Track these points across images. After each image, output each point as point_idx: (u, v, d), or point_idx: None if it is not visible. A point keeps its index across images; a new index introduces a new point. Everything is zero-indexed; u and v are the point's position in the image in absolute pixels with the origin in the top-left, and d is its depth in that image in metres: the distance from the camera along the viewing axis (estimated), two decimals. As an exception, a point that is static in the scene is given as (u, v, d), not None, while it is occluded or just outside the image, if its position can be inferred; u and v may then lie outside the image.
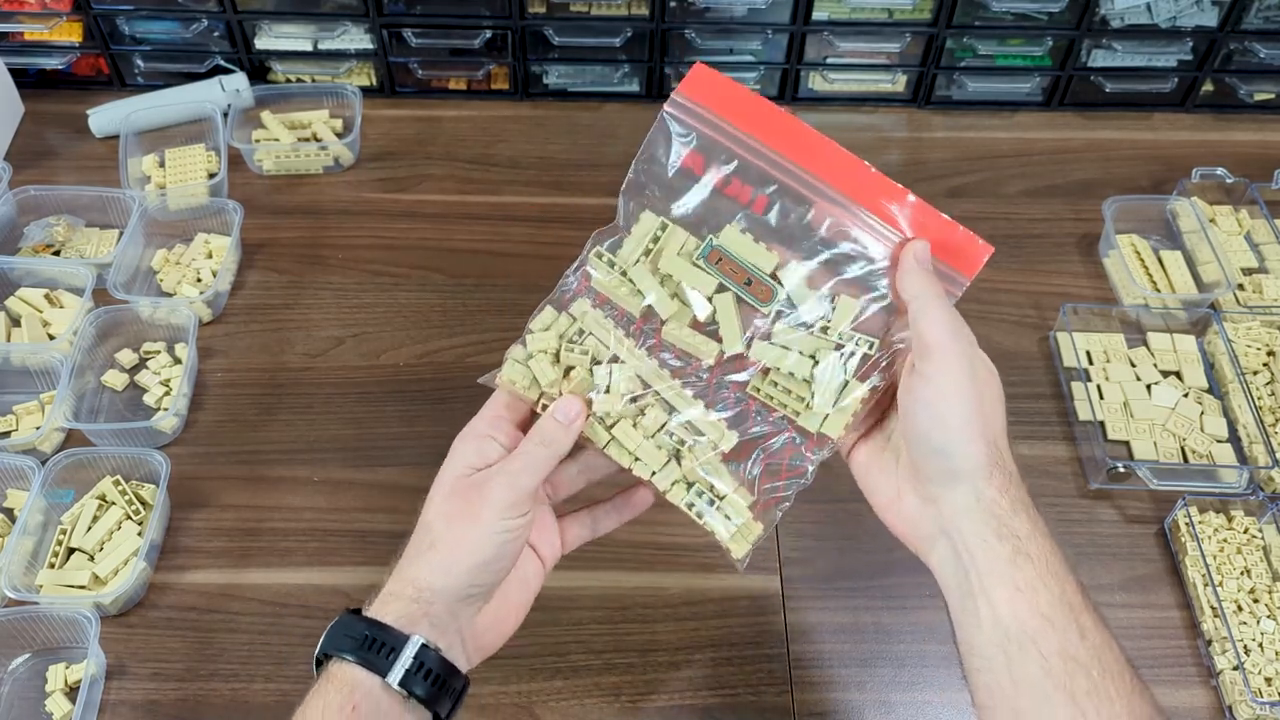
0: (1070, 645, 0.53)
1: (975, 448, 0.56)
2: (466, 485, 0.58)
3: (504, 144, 1.15)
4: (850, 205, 0.59)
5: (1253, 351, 0.95)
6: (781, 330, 0.59)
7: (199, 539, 0.85)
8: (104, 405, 0.93)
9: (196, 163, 1.09)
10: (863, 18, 1.12)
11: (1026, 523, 0.55)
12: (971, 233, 0.60)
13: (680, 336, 0.59)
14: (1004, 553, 0.55)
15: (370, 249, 1.05)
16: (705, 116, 0.59)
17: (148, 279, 1.01)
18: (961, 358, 0.56)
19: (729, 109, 0.59)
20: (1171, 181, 1.09)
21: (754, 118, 0.59)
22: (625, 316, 0.60)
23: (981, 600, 0.55)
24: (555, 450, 0.58)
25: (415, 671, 0.54)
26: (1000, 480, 0.56)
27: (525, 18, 1.11)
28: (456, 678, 0.57)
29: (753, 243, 0.59)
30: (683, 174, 0.60)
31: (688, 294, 0.59)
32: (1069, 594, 0.55)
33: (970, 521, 0.55)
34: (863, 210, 0.59)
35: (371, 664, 0.54)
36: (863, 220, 0.59)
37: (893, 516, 0.60)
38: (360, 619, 0.56)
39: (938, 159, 1.15)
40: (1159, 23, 1.11)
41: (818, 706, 0.77)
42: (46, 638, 0.78)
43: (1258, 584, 0.82)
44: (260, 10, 1.13)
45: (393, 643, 0.55)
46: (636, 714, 0.76)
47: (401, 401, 0.93)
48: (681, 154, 0.60)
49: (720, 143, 0.59)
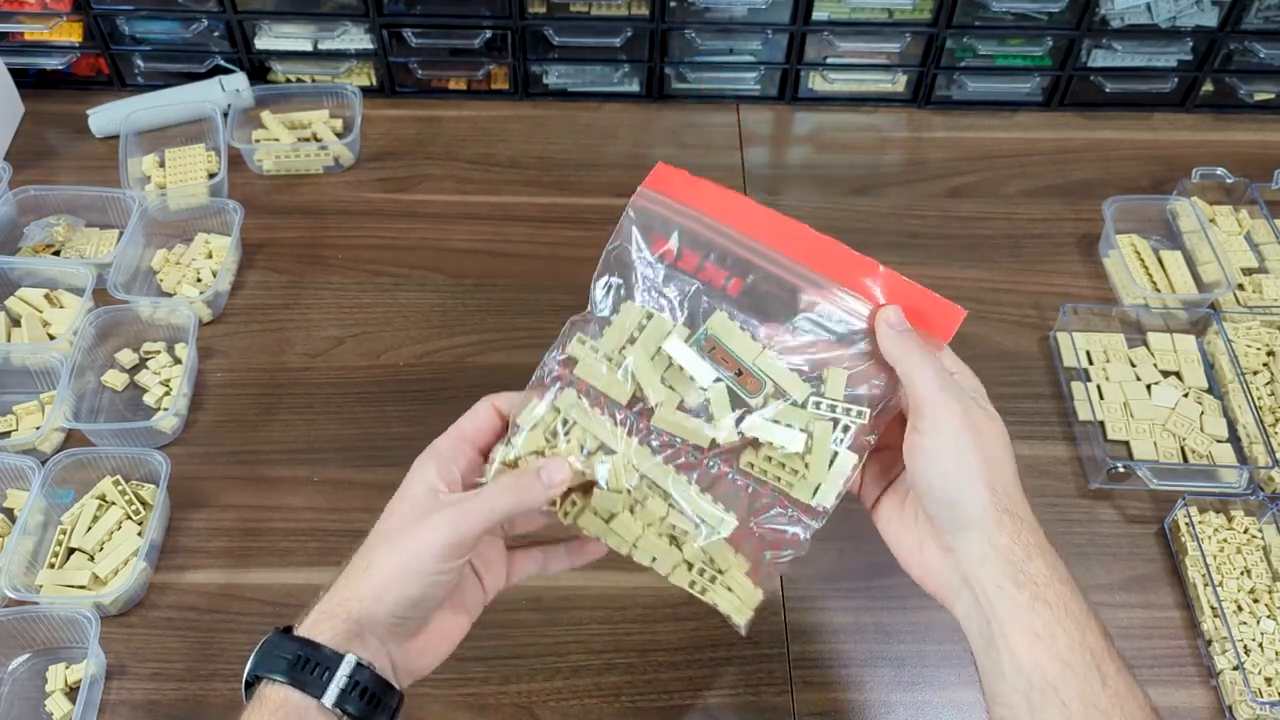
0: (1091, 693, 0.53)
1: (979, 496, 0.56)
2: (417, 510, 0.57)
3: (504, 144, 1.15)
4: (825, 282, 0.60)
5: (1253, 351, 0.95)
6: (771, 408, 0.59)
7: (199, 539, 0.85)
8: (104, 405, 0.93)
9: (196, 163, 1.09)
10: (863, 18, 1.12)
11: (1044, 568, 0.56)
12: (943, 298, 0.60)
13: (674, 422, 0.59)
14: (1022, 599, 0.55)
15: (370, 249, 1.05)
16: (674, 207, 0.61)
17: (148, 279, 1.01)
18: (953, 409, 0.57)
19: (696, 199, 0.61)
20: (1171, 181, 1.09)
21: (721, 206, 0.60)
22: (607, 403, 0.60)
23: (1003, 648, 0.55)
24: (522, 503, 0.57)
25: (350, 690, 0.54)
26: (1011, 526, 0.56)
27: (525, 18, 1.11)
28: (391, 694, 0.56)
29: (739, 330, 0.60)
30: (656, 262, 0.61)
31: (687, 383, 0.59)
32: (1090, 639, 0.55)
33: (987, 570, 0.56)
34: (838, 286, 0.60)
35: (305, 685, 0.54)
36: (838, 296, 0.60)
37: (917, 569, 0.61)
38: (292, 638, 0.55)
39: (938, 159, 1.15)
40: (1159, 23, 1.11)
41: (818, 706, 0.77)
42: (46, 638, 0.78)
43: (1258, 584, 0.82)
44: (260, 10, 1.13)
45: (326, 662, 0.54)
46: (636, 714, 0.76)
47: (401, 401, 0.93)
48: (653, 243, 0.61)
49: (692, 230, 0.60)
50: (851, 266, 0.60)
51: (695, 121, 1.18)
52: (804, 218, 1.14)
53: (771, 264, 0.60)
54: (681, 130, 1.17)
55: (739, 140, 1.16)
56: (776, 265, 0.60)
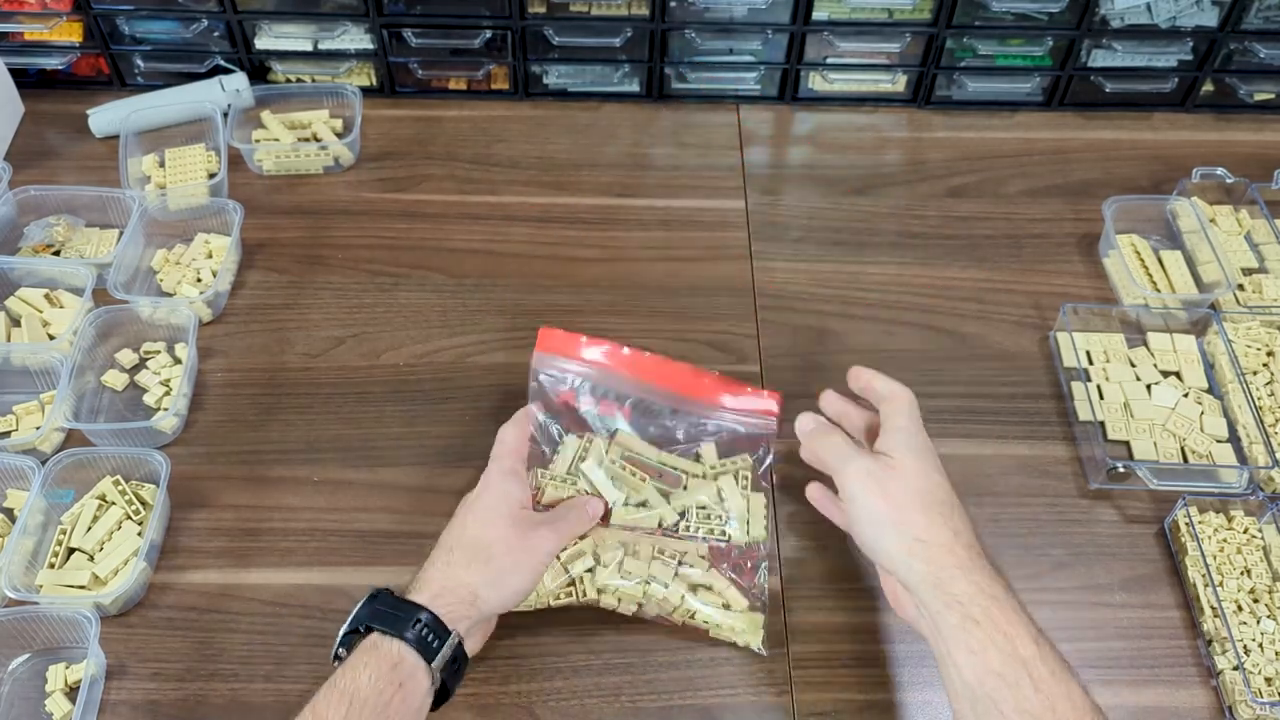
0: (1025, 700, 0.60)
1: (889, 537, 0.68)
2: (526, 523, 0.73)
3: (504, 144, 1.15)
4: (683, 397, 0.82)
5: (1252, 351, 0.95)
6: (681, 493, 0.80)
7: (199, 539, 0.85)
8: (104, 405, 0.93)
9: (196, 163, 1.09)
10: (863, 18, 1.12)
11: (968, 586, 0.64)
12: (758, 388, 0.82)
13: (631, 518, 0.79)
14: (953, 620, 0.63)
15: (370, 249, 1.05)
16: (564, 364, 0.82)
17: (148, 279, 1.01)
18: (857, 476, 0.70)
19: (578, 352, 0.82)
20: (1171, 181, 1.09)
21: (600, 353, 0.82)
22: None
23: (949, 663, 0.63)
24: (586, 526, 0.77)
25: (451, 662, 0.66)
26: (925, 554, 0.66)
27: (525, 18, 1.11)
28: (466, 666, 0.69)
29: (640, 439, 0.82)
30: (563, 406, 0.82)
31: (632, 486, 0.80)
32: (1020, 649, 0.61)
33: (924, 596, 0.65)
34: (693, 398, 0.82)
35: (425, 650, 0.65)
36: (699, 403, 0.82)
37: (899, 609, 0.72)
38: (411, 604, 0.66)
39: (938, 159, 1.15)
40: (1159, 23, 1.11)
41: (818, 706, 0.77)
42: (46, 638, 0.78)
43: (1258, 584, 0.82)
44: (260, 10, 1.13)
45: (441, 634, 0.65)
46: (636, 714, 0.76)
47: (401, 401, 0.93)
48: (559, 392, 0.82)
49: (582, 375, 0.82)
50: (703, 382, 0.82)
51: (695, 121, 1.18)
52: (804, 218, 1.15)
53: (645, 391, 0.82)
54: (681, 130, 1.17)
55: (739, 140, 1.16)
56: (648, 392, 0.82)
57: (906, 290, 1.02)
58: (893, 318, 1.00)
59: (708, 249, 1.05)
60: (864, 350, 0.97)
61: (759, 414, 0.82)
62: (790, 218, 1.09)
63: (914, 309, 1.01)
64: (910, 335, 0.99)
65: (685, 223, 1.08)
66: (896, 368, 0.95)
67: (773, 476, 0.82)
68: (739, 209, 1.09)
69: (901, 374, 0.95)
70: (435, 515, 0.77)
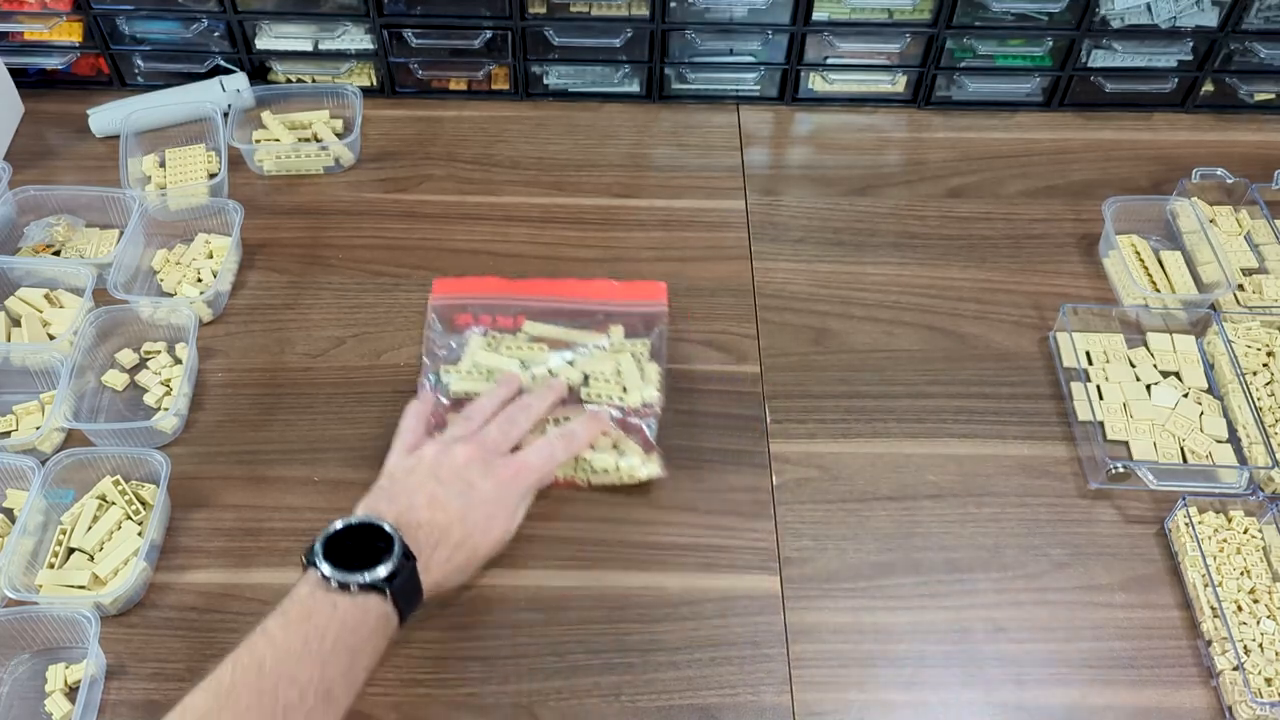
0: None
1: None
2: None
3: (504, 144, 1.15)
4: (580, 299, 0.96)
5: (1252, 352, 0.95)
6: (583, 361, 0.91)
7: (199, 539, 0.85)
8: (104, 405, 0.93)
9: (197, 163, 1.09)
10: (863, 18, 1.12)
11: None
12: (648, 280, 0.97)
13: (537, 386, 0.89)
14: None
15: (370, 249, 1.05)
16: (462, 299, 0.96)
17: (148, 279, 1.01)
18: None
19: (472, 288, 0.97)
20: (1171, 182, 1.09)
21: (493, 285, 0.97)
22: None
23: None
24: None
25: (336, 540, 0.72)
26: None
27: (525, 18, 1.11)
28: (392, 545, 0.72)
29: (546, 326, 0.95)
30: (463, 327, 0.94)
31: (536, 360, 0.92)
32: None
33: None
34: (586, 299, 0.96)
35: (310, 557, 0.71)
36: (592, 302, 0.96)
37: None
38: None
39: (938, 159, 1.15)
40: (1159, 23, 1.11)
41: (818, 706, 0.77)
42: (46, 638, 0.78)
43: (1258, 584, 0.82)
44: (260, 10, 1.13)
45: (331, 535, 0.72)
46: (636, 714, 0.76)
47: (401, 401, 0.93)
48: (456, 317, 0.94)
49: (481, 303, 0.95)
50: (590, 285, 0.98)
51: (695, 122, 1.18)
52: (804, 218, 1.15)
53: (542, 303, 0.95)
54: (681, 131, 1.17)
55: (739, 141, 1.16)
56: (545, 303, 0.95)
57: (906, 290, 1.02)
58: (893, 318, 1.00)
59: (708, 249, 1.05)
60: (864, 350, 0.97)
61: (649, 299, 0.96)
62: (790, 218, 1.09)
63: (914, 309, 1.01)
64: (910, 335, 0.99)
65: (685, 223, 1.08)
66: (896, 368, 0.96)
67: (664, 349, 0.92)
68: (739, 209, 1.09)
69: (901, 374, 0.96)
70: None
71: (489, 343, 0.91)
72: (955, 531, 0.86)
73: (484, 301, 0.96)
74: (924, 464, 0.90)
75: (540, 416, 0.85)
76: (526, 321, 0.94)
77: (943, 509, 0.87)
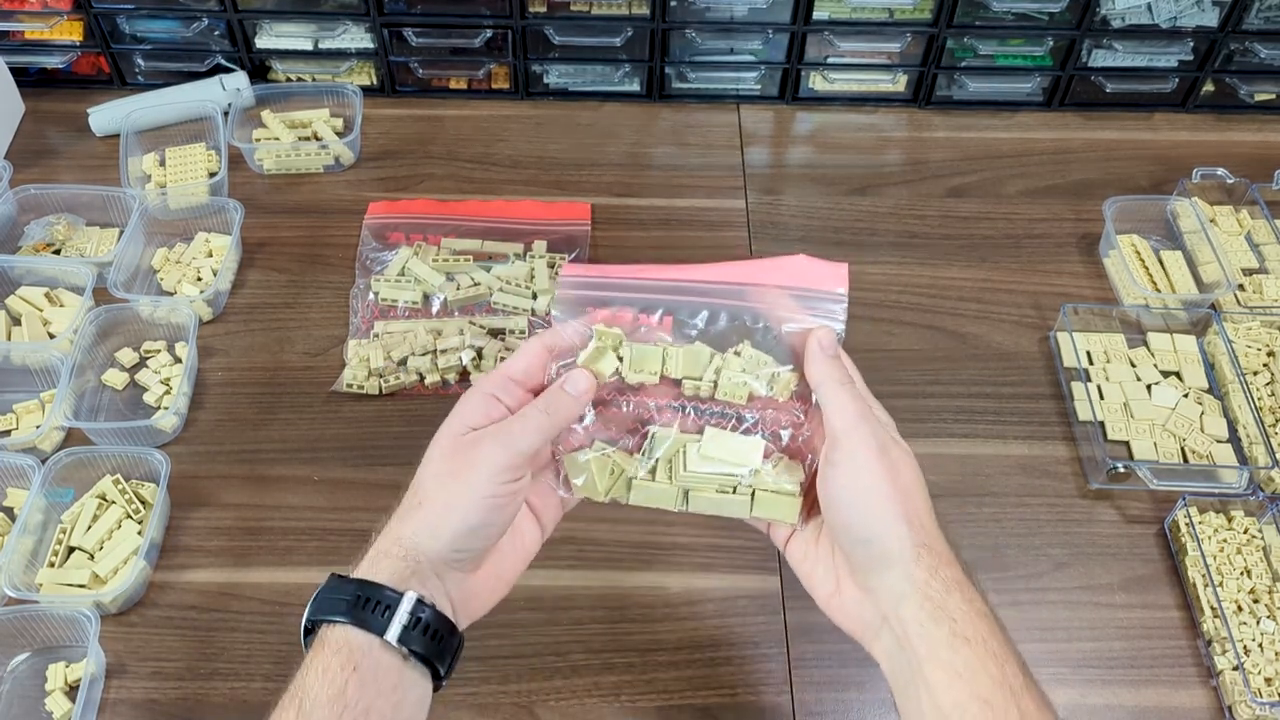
0: None
1: (898, 529, 0.55)
2: (463, 444, 0.57)
3: (504, 143, 1.15)
4: (499, 218, 0.94)
5: (1253, 352, 0.95)
6: None
7: (199, 538, 0.85)
8: (104, 404, 0.93)
9: (197, 162, 1.09)
10: (863, 17, 1.12)
11: (962, 603, 0.54)
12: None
13: None
14: (941, 636, 0.53)
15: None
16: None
17: (148, 278, 1.01)
18: (868, 441, 0.56)
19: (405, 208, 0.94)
20: (1172, 181, 1.09)
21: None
22: None
23: (921, 687, 0.53)
24: (557, 420, 0.57)
25: (412, 628, 0.53)
26: (929, 560, 0.55)
27: (526, 17, 1.11)
28: (453, 635, 0.55)
29: None
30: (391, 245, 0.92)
31: None
32: (1009, 676, 0.53)
33: (907, 607, 0.54)
34: (508, 218, 0.82)
35: (367, 623, 0.53)
36: (514, 223, 0.93)
37: (837, 611, 0.59)
38: (349, 580, 0.55)
39: (938, 159, 1.15)
40: (1160, 23, 1.11)
41: (818, 706, 0.77)
42: (46, 636, 0.78)
43: (1258, 584, 0.82)
44: (261, 9, 1.13)
45: (387, 600, 0.53)
46: (636, 714, 0.76)
47: (401, 400, 0.93)
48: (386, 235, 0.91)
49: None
50: (515, 205, 0.96)
51: (696, 121, 1.18)
52: (804, 218, 1.15)
53: (465, 222, 0.92)
54: (682, 130, 1.17)
55: (739, 140, 1.16)
56: (469, 222, 0.92)
57: (906, 290, 1.02)
58: (893, 318, 1.00)
59: (708, 248, 1.05)
60: (864, 350, 0.97)
61: (573, 218, 1.02)
62: (790, 217, 1.09)
63: (914, 309, 1.01)
64: (910, 335, 0.99)
65: (686, 222, 1.08)
66: (896, 367, 0.96)
67: None
68: (739, 209, 1.09)
69: (901, 374, 0.95)
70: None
71: (415, 251, 0.97)
72: (955, 531, 0.85)
73: (415, 221, 1.02)
74: (924, 464, 0.88)
75: None
76: (453, 239, 0.99)
77: (943, 508, 0.86)
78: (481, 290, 0.98)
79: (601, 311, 0.61)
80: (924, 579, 0.54)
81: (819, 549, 0.60)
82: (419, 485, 0.57)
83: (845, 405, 0.57)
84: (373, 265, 1.01)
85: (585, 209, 1.05)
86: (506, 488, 0.55)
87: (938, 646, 0.53)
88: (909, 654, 0.54)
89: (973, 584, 0.56)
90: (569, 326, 0.60)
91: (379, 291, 0.98)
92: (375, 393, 0.92)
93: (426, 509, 0.56)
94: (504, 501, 0.56)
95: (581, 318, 0.61)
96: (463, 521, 0.55)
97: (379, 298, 0.98)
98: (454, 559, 0.56)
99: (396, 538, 0.56)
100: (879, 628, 0.56)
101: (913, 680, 0.54)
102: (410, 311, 0.98)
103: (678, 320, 0.62)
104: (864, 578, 0.56)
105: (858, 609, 0.57)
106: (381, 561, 0.55)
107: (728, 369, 0.60)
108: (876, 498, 0.55)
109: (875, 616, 0.56)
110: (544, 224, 1.05)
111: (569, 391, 0.58)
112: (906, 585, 0.54)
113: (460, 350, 0.92)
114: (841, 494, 0.56)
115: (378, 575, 0.54)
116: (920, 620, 0.54)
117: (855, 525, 0.56)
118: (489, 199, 1.08)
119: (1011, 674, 0.53)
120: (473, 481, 0.55)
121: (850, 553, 0.57)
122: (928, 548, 0.55)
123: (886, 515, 0.55)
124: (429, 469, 0.57)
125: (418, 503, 0.56)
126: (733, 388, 0.60)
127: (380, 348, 0.93)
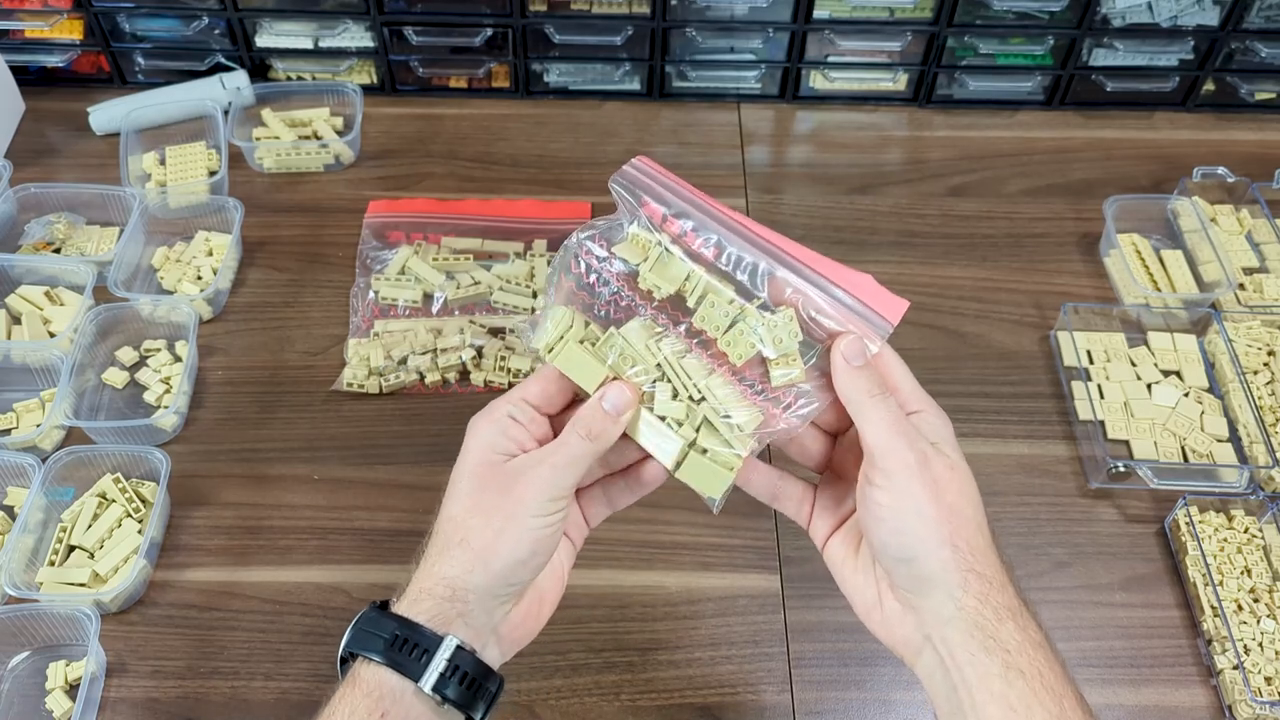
0: None
1: (940, 554, 0.52)
2: (500, 476, 0.55)
3: (504, 142, 1.15)
4: (498, 217, 0.85)
5: (1253, 351, 0.95)
6: None
7: (199, 537, 0.85)
8: (104, 403, 0.93)
9: (197, 160, 1.09)
10: (864, 16, 1.12)
11: (1016, 632, 0.52)
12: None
13: None
14: (994, 668, 0.51)
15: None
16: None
17: (148, 277, 1.01)
18: (906, 457, 0.53)
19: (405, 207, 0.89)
20: (1172, 181, 1.09)
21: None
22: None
23: (969, 716, 0.51)
24: (600, 445, 0.55)
25: (449, 675, 0.51)
26: (978, 587, 0.52)
27: (526, 16, 1.11)
28: (491, 679, 0.54)
29: None
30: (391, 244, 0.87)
31: None
32: (1068, 711, 0.50)
33: (955, 632, 0.52)
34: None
35: (403, 667, 0.51)
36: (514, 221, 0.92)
37: (876, 623, 0.56)
38: (389, 616, 0.53)
39: (938, 158, 1.15)
40: (1160, 22, 1.11)
41: (818, 706, 0.77)
42: (47, 635, 0.78)
43: (1258, 584, 0.82)
44: (261, 8, 1.13)
45: (425, 644, 0.52)
46: (636, 713, 0.76)
47: (401, 400, 0.93)
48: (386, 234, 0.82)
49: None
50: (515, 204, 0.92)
51: (696, 120, 1.18)
52: (805, 217, 1.15)
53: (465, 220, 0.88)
54: (682, 129, 1.17)
55: (740, 139, 1.16)
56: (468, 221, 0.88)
57: (907, 289, 1.01)
58: (893, 317, 1.00)
59: (708, 248, 1.05)
60: (864, 349, 0.97)
61: (573, 217, 1.02)
62: (791, 216, 1.08)
63: (914, 308, 0.99)
64: (910, 335, 0.98)
65: (686, 221, 1.07)
66: (897, 367, 0.96)
67: None
68: (740, 208, 1.09)
69: (902, 373, 0.95)
70: (435, 514, 0.77)
71: (415, 250, 0.98)
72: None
73: (415, 220, 1.03)
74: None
75: None
76: (453, 238, 0.99)
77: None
78: (482, 289, 0.98)
79: (655, 206, 0.58)
80: (974, 607, 0.52)
81: (860, 555, 0.57)
82: (457, 521, 0.55)
83: (879, 420, 0.54)
84: (373, 264, 1.01)
85: (585, 208, 1.05)
86: (554, 518, 0.54)
87: (991, 679, 0.51)
88: (956, 681, 0.52)
89: (1027, 608, 0.53)
90: None
91: (379, 290, 0.98)
92: (375, 392, 0.92)
93: (473, 545, 0.54)
94: (552, 531, 0.54)
95: (631, 210, 0.58)
96: (511, 554, 0.53)
97: (379, 296, 0.98)
98: (504, 592, 0.54)
99: (441, 576, 0.54)
100: (921, 645, 0.54)
101: (961, 710, 0.51)
102: (410, 310, 0.98)
103: (723, 257, 0.58)
104: (907, 596, 0.54)
105: (900, 625, 0.55)
106: (424, 601, 0.53)
107: (745, 320, 0.57)
108: (917, 521, 0.52)
109: (918, 635, 0.54)
110: (544, 223, 1.05)
111: (608, 409, 0.55)
112: (953, 610, 0.52)
113: (460, 349, 0.92)
114: (881, 516, 0.53)
115: (418, 614, 0.53)
116: (970, 649, 0.52)
117: (894, 546, 0.53)
118: (489, 198, 1.08)
119: (1070, 708, 0.51)
120: (518, 515, 0.53)
121: (891, 571, 0.55)
122: (976, 574, 0.52)
123: (930, 540, 0.52)
124: (461, 503, 0.55)
125: (460, 539, 0.54)
126: (740, 340, 0.57)
127: (380, 347, 0.93)
